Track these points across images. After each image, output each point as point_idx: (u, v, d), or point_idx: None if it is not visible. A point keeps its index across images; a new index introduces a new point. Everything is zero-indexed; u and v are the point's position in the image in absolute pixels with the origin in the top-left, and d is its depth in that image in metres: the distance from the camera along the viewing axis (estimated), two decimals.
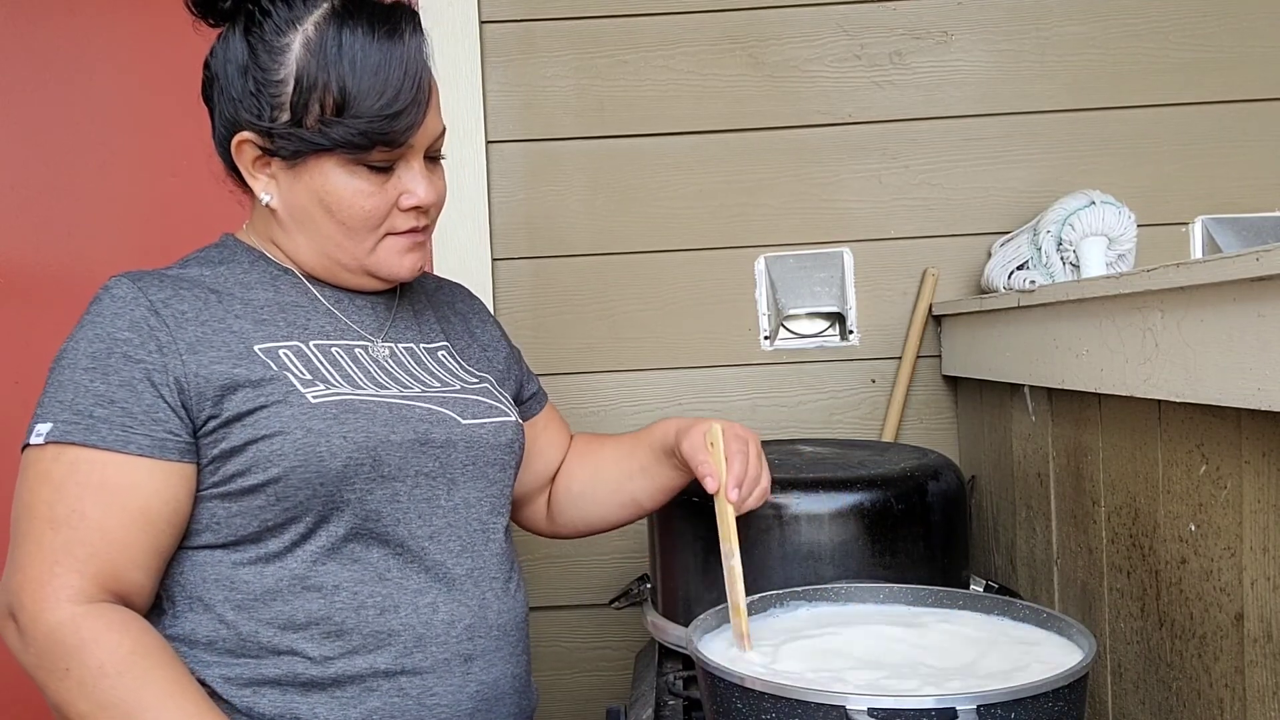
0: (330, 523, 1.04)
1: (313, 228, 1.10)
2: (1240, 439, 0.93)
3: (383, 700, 1.03)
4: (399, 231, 1.11)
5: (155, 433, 1.00)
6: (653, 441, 1.26)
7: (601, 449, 1.35)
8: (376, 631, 1.04)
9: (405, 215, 1.11)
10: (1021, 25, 1.81)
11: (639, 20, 1.81)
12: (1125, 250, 1.63)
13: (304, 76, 1.04)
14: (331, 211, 1.08)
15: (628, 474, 1.30)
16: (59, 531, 0.98)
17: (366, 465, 1.04)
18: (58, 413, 1.00)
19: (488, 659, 1.10)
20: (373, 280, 1.14)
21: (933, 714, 0.78)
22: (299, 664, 1.02)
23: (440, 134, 1.13)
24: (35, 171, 1.84)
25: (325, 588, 1.03)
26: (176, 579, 1.05)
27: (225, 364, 1.03)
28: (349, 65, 1.04)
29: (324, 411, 1.03)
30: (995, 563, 1.65)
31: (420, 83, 1.07)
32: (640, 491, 1.29)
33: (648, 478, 1.28)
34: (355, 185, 1.07)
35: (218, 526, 1.03)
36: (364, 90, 1.04)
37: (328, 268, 1.13)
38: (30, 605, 0.96)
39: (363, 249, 1.11)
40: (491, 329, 1.33)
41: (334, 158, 1.06)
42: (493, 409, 1.17)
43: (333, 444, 1.02)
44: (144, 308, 1.03)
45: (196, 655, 1.03)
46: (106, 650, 0.95)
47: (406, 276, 1.15)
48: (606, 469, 1.32)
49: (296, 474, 1.01)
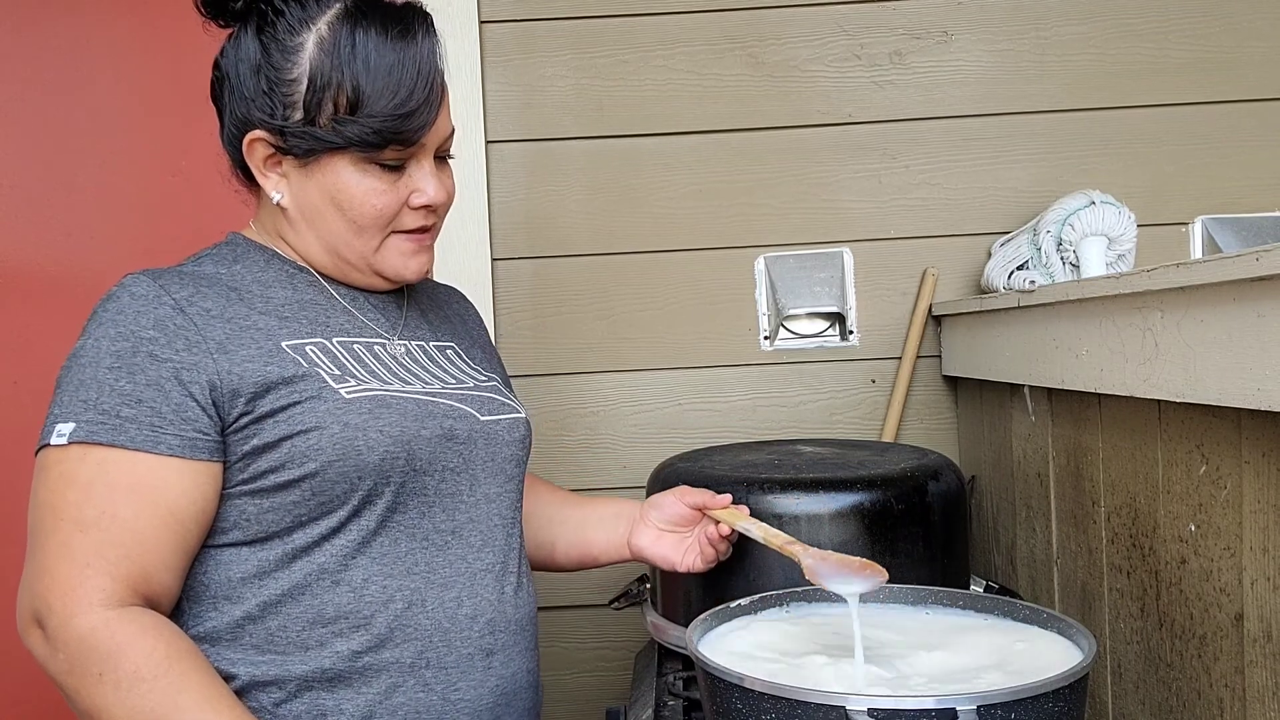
0: (362, 516, 1.04)
1: (323, 225, 1.10)
2: (1240, 439, 0.93)
3: (408, 695, 1.04)
4: (406, 230, 1.12)
5: (185, 432, 0.99)
6: (596, 505, 1.34)
7: (537, 488, 1.37)
8: (404, 625, 1.04)
9: (415, 214, 1.11)
10: (1021, 25, 1.81)
11: (639, 20, 1.81)
12: (1125, 250, 1.63)
13: (318, 75, 1.05)
14: (343, 209, 1.08)
15: (557, 520, 1.34)
16: (88, 534, 0.96)
17: (401, 459, 1.04)
18: (81, 412, 0.98)
19: (507, 653, 1.11)
20: (380, 280, 1.15)
21: (933, 714, 0.78)
22: (327, 659, 1.02)
23: (450, 134, 1.14)
24: (34, 171, 1.84)
25: (354, 582, 1.03)
26: (200, 577, 1.04)
27: (257, 362, 1.03)
28: (362, 64, 1.04)
29: (359, 406, 1.03)
30: (995, 563, 1.65)
31: (433, 83, 1.07)
32: (560, 539, 1.33)
33: (567, 528, 1.33)
34: (367, 184, 1.08)
35: (246, 524, 1.03)
36: (378, 90, 1.04)
37: (336, 265, 1.13)
38: (61, 610, 0.94)
39: (369, 247, 1.11)
40: (485, 333, 1.36)
41: (346, 156, 1.06)
42: (505, 406, 1.19)
43: (370, 438, 1.02)
44: (168, 306, 1.03)
45: (221, 652, 1.02)
46: (142, 655, 0.93)
47: (412, 278, 1.15)
48: (539, 509, 1.35)
49: (334, 468, 1.01)
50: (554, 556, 1.33)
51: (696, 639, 0.99)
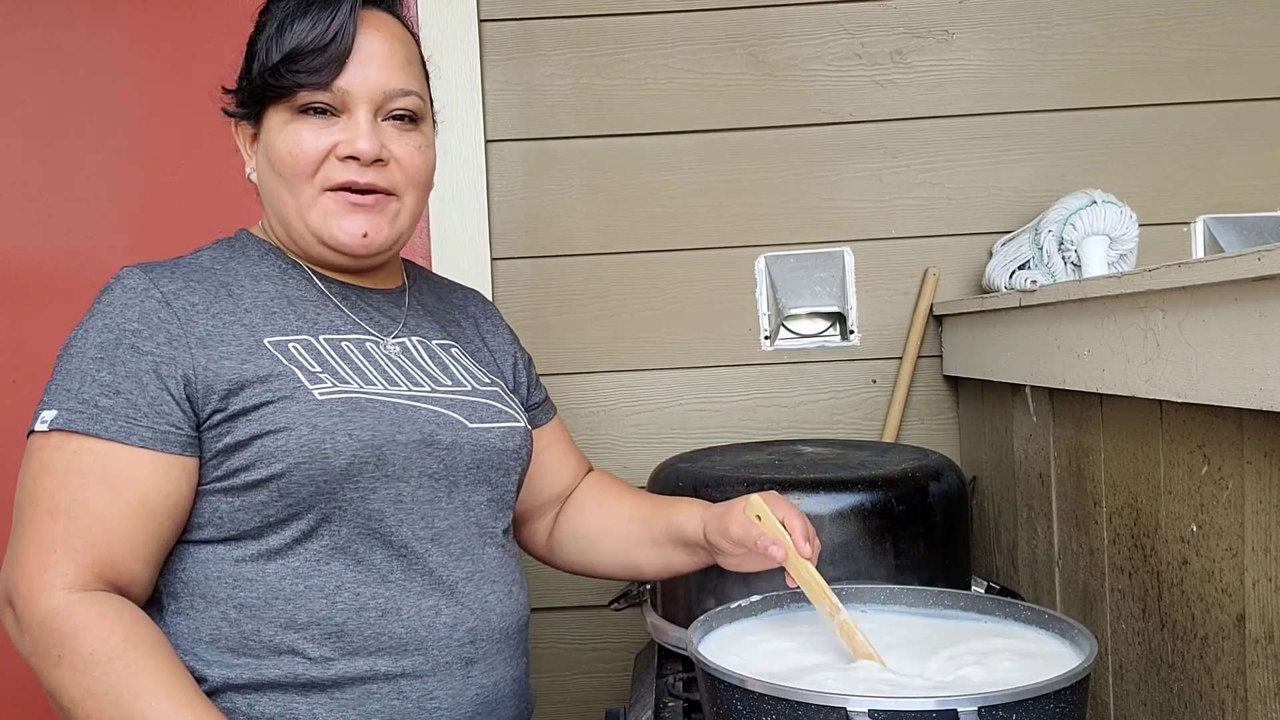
0: (333, 521, 1.03)
1: (267, 190, 1.13)
2: (1242, 439, 0.93)
3: (383, 703, 1.03)
4: (335, 185, 1.09)
5: (158, 425, 1.00)
6: (672, 524, 1.23)
7: (620, 503, 1.31)
8: (378, 634, 1.03)
9: (342, 166, 1.09)
10: (1022, 24, 1.80)
11: (639, 19, 1.81)
12: (1127, 250, 1.63)
13: (255, 39, 1.12)
14: (273, 164, 1.11)
15: (639, 541, 1.27)
16: (58, 520, 0.98)
17: (371, 464, 1.04)
18: (63, 400, 1.00)
19: (489, 662, 1.10)
20: (329, 251, 1.12)
21: (934, 715, 0.78)
22: (299, 664, 1.02)
23: (399, 93, 1.11)
24: (33, 170, 1.84)
25: (327, 588, 1.03)
26: (179, 574, 1.04)
27: (235, 359, 1.03)
28: (284, 21, 1.09)
29: (330, 409, 1.03)
30: (996, 563, 1.65)
31: (343, 30, 1.08)
32: (646, 562, 1.27)
33: (659, 554, 1.25)
34: (290, 130, 1.10)
35: (220, 521, 1.03)
36: (289, 39, 1.08)
37: (289, 237, 1.13)
38: (26, 592, 0.97)
39: (302, 203, 1.10)
40: (503, 334, 1.33)
41: (276, 111, 1.10)
42: (502, 413, 1.17)
43: (338, 441, 1.02)
44: (155, 299, 1.04)
45: (198, 653, 1.02)
46: (99, 637, 0.95)
47: (348, 242, 1.11)
48: (620, 527, 1.29)
49: (300, 470, 1.01)
50: (644, 575, 1.29)
51: (697, 640, 0.98)
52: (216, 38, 1.14)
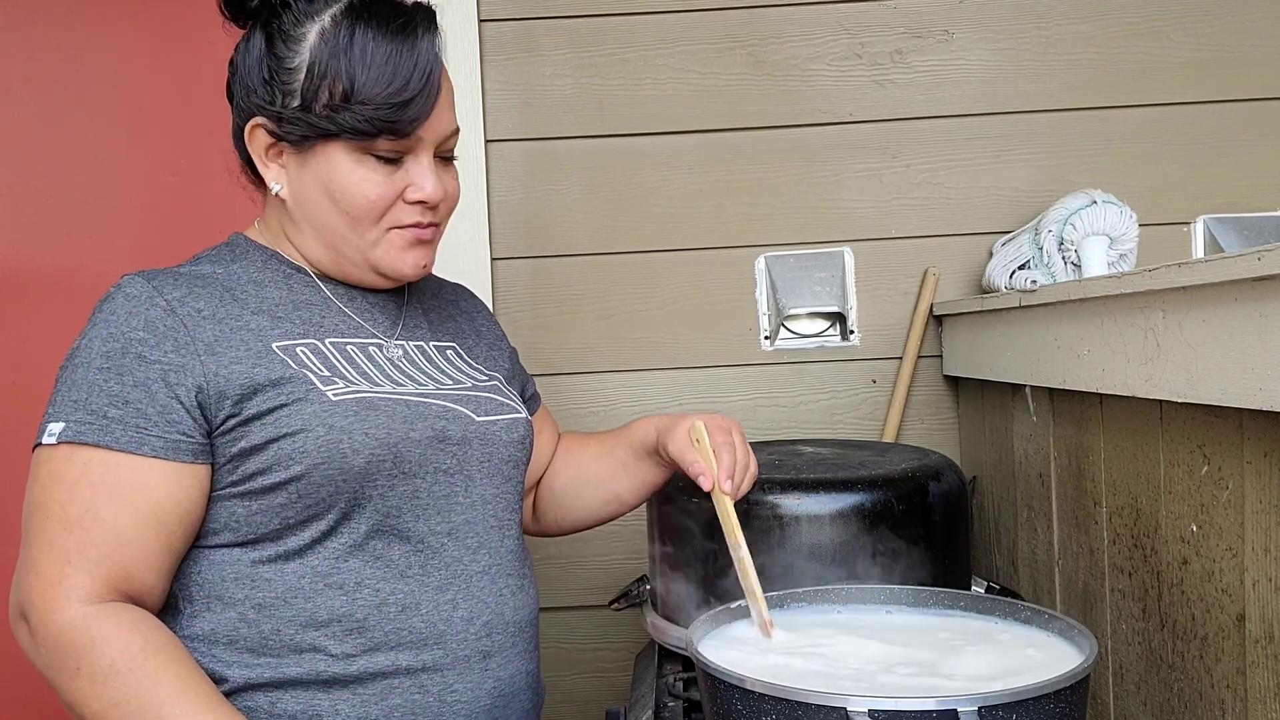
0: (352, 520, 1.04)
1: (319, 219, 1.10)
2: (1242, 439, 0.93)
3: (404, 698, 1.04)
4: (403, 225, 1.11)
5: (169, 434, 1.00)
6: (633, 440, 1.27)
7: (584, 448, 1.35)
8: (398, 629, 1.04)
9: (411, 209, 1.10)
10: (1022, 24, 1.80)
11: (639, 19, 1.81)
12: (1127, 250, 1.63)
13: (316, 64, 1.06)
14: (335, 200, 1.08)
15: (609, 471, 1.31)
16: (71, 533, 0.97)
17: (388, 462, 1.04)
18: (70, 412, 0.99)
19: (504, 655, 1.11)
20: (378, 277, 1.14)
21: (934, 715, 0.78)
22: (322, 661, 1.02)
23: (452, 133, 1.13)
24: (33, 170, 1.84)
25: (347, 585, 1.03)
26: (194, 578, 1.04)
27: (245, 364, 1.03)
28: (359, 53, 1.05)
29: (345, 408, 1.03)
30: (997, 563, 1.65)
31: (430, 76, 1.07)
32: (622, 488, 1.30)
33: (629, 475, 1.29)
34: (360, 174, 1.07)
35: (237, 525, 1.03)
36: (372, 78, 1.05)
37: (335, 262, 1.13)
38: (41, 606, 0.96)
39: (366, 241, 1.10)
40: (494, 328, 1.34)
41: (341, 145, 1.06)
42: (504, 406, 1.18)
43: (355, 441, 1.02)
44: (159, 307, 1.03)
45: (216, 654, 1.02)
46: (117, 648, 0.95)
47: (410, 274, 1.14)
48: (588, 467, 1.33)
49: (319, 471, 1.01)
50: (625, 502, 1.32)
51: (696, 640, 0.98)
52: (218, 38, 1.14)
